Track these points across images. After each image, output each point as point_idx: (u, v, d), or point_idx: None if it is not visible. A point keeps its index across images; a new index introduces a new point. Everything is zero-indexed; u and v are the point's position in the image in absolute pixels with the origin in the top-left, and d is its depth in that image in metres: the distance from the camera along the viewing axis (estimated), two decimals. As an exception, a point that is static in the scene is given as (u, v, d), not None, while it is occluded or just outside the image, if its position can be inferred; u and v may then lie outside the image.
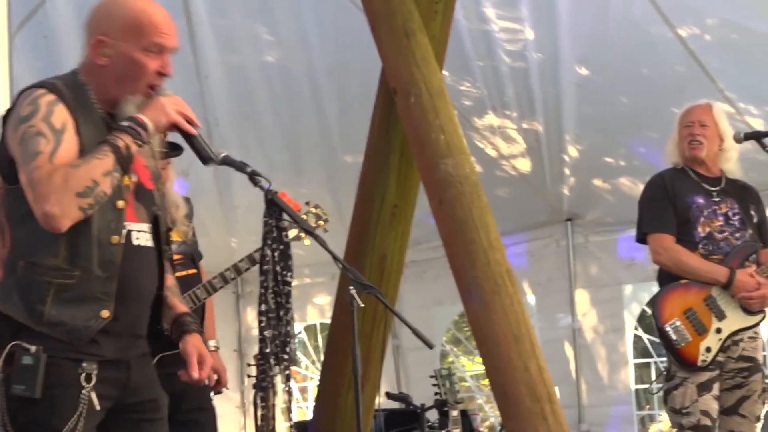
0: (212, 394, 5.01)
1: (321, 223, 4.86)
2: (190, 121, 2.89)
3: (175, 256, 4.67)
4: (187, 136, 2.91)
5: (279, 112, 7.63)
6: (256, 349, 3.92)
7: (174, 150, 4.77)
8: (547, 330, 7.93)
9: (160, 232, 3.01)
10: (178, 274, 4.64)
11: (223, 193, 7.95)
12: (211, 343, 5.21)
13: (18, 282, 2.77)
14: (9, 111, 2.84)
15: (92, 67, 2.91)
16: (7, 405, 2.75)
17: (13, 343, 2.75)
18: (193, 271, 4.76)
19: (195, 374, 3.06)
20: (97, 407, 2.77)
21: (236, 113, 7.53)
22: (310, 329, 9.99)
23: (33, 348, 2.71)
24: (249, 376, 5.63)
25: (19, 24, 5.96)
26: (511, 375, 4.16)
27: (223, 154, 3.48)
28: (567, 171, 7.33)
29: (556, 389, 5.15)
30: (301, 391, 10.11)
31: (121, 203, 2.84)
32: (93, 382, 2.77)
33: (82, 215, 2.68)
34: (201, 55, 6.99)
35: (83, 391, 2.75)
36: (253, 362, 5.16)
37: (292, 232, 4.12)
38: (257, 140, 7.82)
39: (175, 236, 4.74)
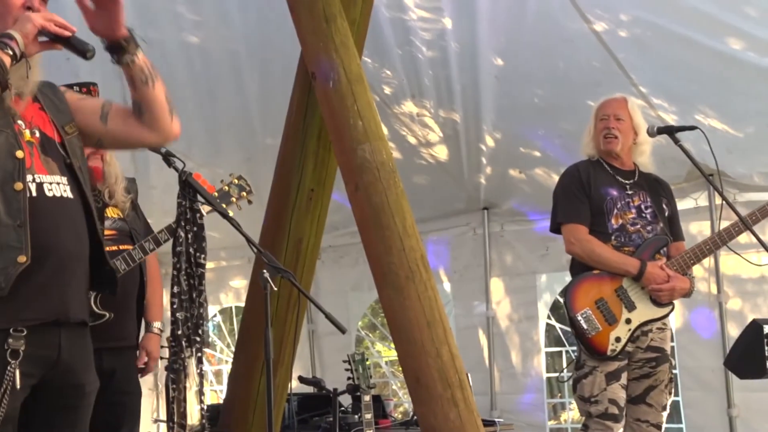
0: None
1: (244, 194, 4.78)
2: (61, 26, 2.86)
3: (109, 232, 4.60)
4: (64, 41, 2.87)
5: (198, 92, 7.53)
6: (168, 331, 3.90)
7: None
8: (463, 317, 7.98)
9: (80, 181, 2.97)
10: (109, 248, 4.57)
11: (139, 173, 7.86)
12: (156, 324, 5.06)
13: None
14: None
15: None
16: None
17: None
18: (127, 246, 4.67)
19: None
20: (18, 386, 2.74)
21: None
22: (225, 312, 9.93)
23: None
24: (161, 358, 5.58)
25: None
26: (423, 360, 4.18)
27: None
28: (484, 160, 7.37)
29: (470, 376, 5.20)
30: (216, 374, 10.06)
31: (20, 153, 2.82)
32: (19, 358, 2.74)
33: None
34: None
35: (8, 368, 2.72)
36: (165, 344, 5.11)
37: (205, 209, 4.07)
38: (175, 119, 7.73)
39: (110, 213, 4.68)
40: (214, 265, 8.86)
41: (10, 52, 2.76)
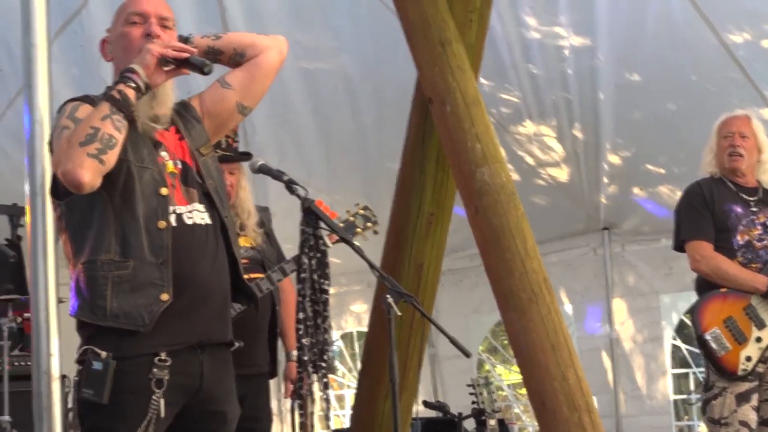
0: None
1: (370, 225, 4.79)
2: (180, 50, 2.92)
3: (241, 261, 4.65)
4: (184, 63, 2.93)
5: (316, 119, 7.65)
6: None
7: (243, 156, 4.80)
8: (585, 339, 7.90)
9: (215, 203, 3.02)
10: None
11: (260, 199, 7.98)
12: (294, 353, 5.07)
13: (82, 284, 2.84)
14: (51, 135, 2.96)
15: (113, 70, 3.03)
16: (78, 407, 2.85)
17: (85, 347, 2.82)
18: (258, 275, 4.72)
19: None
20: (163, 414, 2.81)
21: (273, 119, 7.55)
22: (346, 337, 10.00)
23: (103, 354, 2.78)
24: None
25: (56, 32, 6.01)
26: (549, 384, 4.15)
27: (260, 163, 3.52)
28: (605, 179, 7.30)
29: (594, 399, 5.12)
30: (338, 399, 10.11)
31: (164, 190, 2.89)
32: (164, 387, 2.81)
33: (96, 163, 2.71)
34: (237, 61, 6.97)
35: (153, 397, 2.79)
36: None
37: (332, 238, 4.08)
38: (294, 146, 7.85)
39: (243, 242, 4.73)
40: (335, 291, 8.90)
41: (133, 85, 2.83)
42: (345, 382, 10.28)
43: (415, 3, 4.60)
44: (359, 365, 5.55)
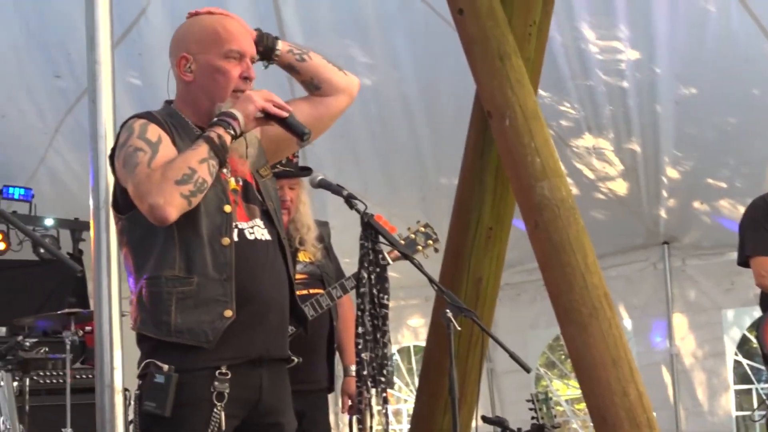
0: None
1: (430, 242, 4.78)
2: (279, 107, 2.94)
3: (300, 276, 4.65)
4: (280, 121, 2.95)
5: (373, 134, 7.66)
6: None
7: (303, 171, 4.82)
8: (645, 354, 7.82)
9: (275, 223, 3.03)
10: (300, 292, 4.63)
11: (317, 213, 8.01)
12: (353, 368, 5.05)
13: (145, 299, 2.86)
14: (113, 149, 2.96)
15: (182, 88, 3.02)
16: (139, 420, 2.86)
17: (147, 361, 2.85)
18: (318, 290, 4.73)
19: None
20: (223, 427, 2.82)
21: (331, 134, 7.56)
22: (404, 351, 9.98)
23: (165, 367, 2.80)
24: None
25: (114, 41, 6.09)
26: (609, 399, 4.11)
27: (320, 177, 3.54)
28: (665, 193, 7.23)
29: (655, 414, 5.07)
30: (395, 413, 10.09)
31: (227, 207, 2.90)
32: (225, 400, 2.83)
33: (185, 204, 2.75)
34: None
35: (215, 410, 2.81)
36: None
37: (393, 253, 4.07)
38: (352, 161, 7.86)
39: (302, 257, 4.75)
40: (393, 305, 8.84)
41: (232, 132, 2.85)
42: (402, 396, 10.27)
43: (474, 17, 4.60)
44: (416, 380, 5.54)
